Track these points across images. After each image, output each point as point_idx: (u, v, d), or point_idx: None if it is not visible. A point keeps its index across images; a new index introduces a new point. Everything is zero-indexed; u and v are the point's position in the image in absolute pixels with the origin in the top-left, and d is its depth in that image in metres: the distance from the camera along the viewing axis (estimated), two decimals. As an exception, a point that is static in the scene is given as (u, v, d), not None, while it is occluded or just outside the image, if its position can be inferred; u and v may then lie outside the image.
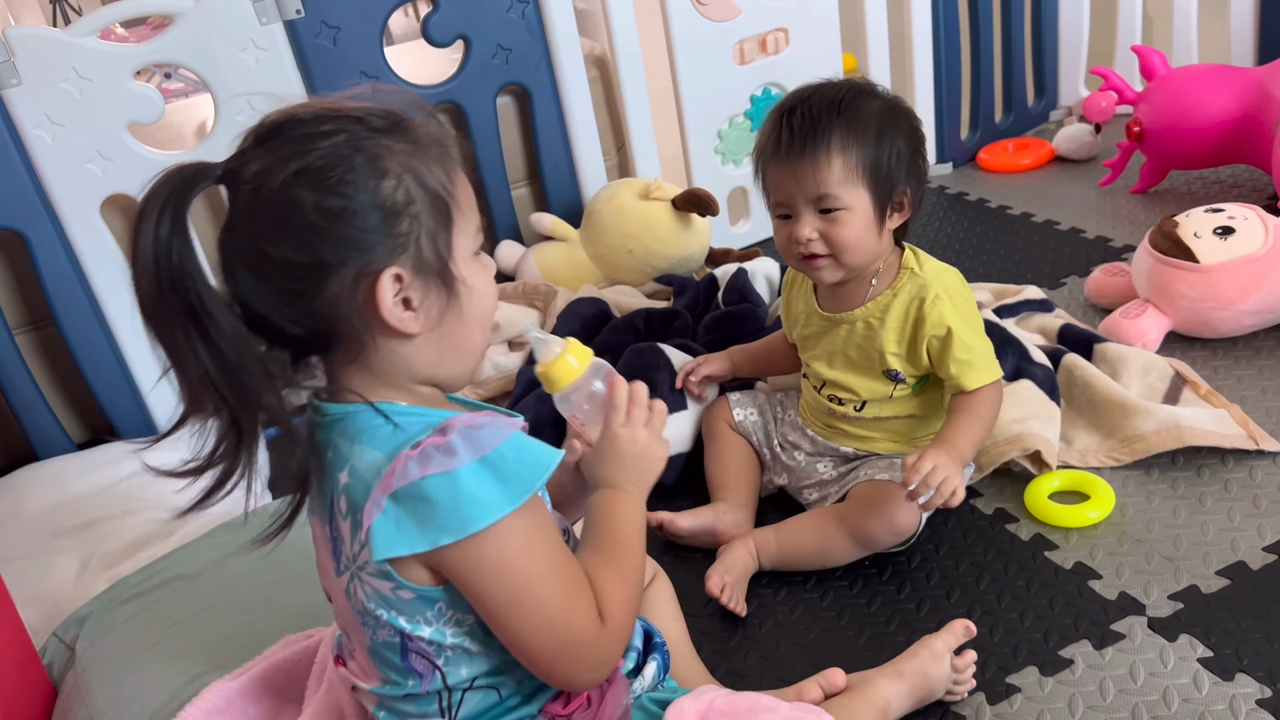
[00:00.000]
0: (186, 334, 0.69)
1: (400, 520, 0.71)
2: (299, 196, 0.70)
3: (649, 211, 1.87)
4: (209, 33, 1.60)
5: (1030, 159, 2.25)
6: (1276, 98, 1.76)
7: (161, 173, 0.71)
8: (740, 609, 1.17)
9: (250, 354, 0.71)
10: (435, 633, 0.77)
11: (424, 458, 0.71)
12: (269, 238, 0.71)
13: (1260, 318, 1.46)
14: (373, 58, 1.74)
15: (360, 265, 0.72)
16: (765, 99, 2.04)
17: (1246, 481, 1.23)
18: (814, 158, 1.13)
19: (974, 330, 1.18)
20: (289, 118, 0.72)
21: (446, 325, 0.76)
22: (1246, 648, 1.01)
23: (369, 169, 0.72)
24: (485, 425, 0.73)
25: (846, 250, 1.16)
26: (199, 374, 0.69)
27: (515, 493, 0.72)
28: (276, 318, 0.72)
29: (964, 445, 1.14)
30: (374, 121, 0.73)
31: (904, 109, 1.18)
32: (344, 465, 0.75)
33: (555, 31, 1.84)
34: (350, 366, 0.76)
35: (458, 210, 0.76)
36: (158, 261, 0.68)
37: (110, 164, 1.60)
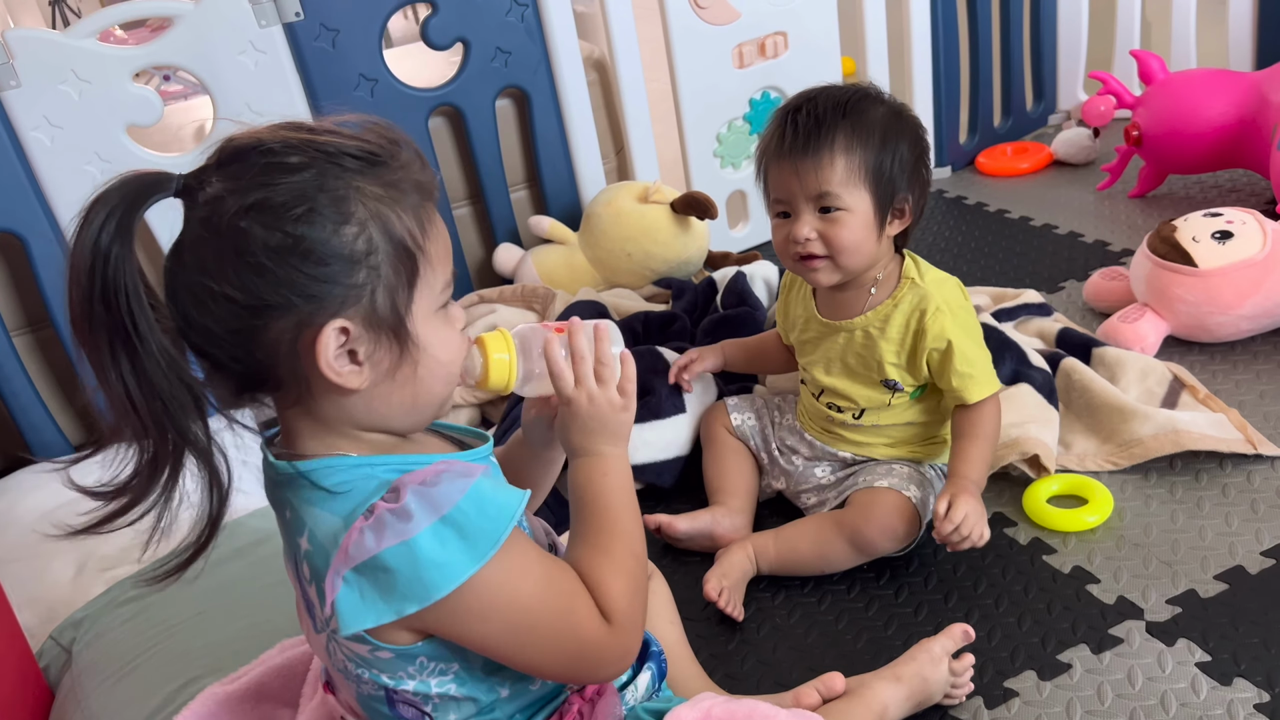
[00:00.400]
0: (113, 353, 0.65)
1: (364, 591, 0.68)
2: (250, 231, 0.65)
3: (648, 215, 1.87)
4: (208, 35, 1.60)
5: (1029, 163, 2.25)
6: (1274, 102, 1.76)
7: (117, 177, 0.67)
8: (738, 614, 1.17)
9: (179, 382, 0.66)
10: (420, 684, 0.75)
11: (379, 526, 0.68)
12: (212, 270, 0.66)
13: (1258, 322, 1.46)
14: (372, 60, 1.74)
15: (304, 314, 0.67)
16: (764, 102, 2.04)
17: (1244, 486, 1.23)
18: (817, 156, 1.13)
19: (974, 342, 1.18)
20: (256, 144, 0.67)
21: (398, 381, 0.72)
22: (1244, 652, 1.01)
23: (332, 211, 0.67)
24: (440, 480, 0.69)
25: (844, 252, 1.15)
26: (121, 396, 0.65)
27: (480, 550, 0.69)
28: (216, 352, 0.68)
29: (981, 475, 1.16)
30: (347, 161, 0.68)
31: (909, 116, 1.18)
32: (302, 530, 0.72)
33: (554, 34, 1.84)
34: (295, 409, 0.73)
35: (425, 264, 0.71)
36: (93, 270, 0.63)
37: (109, 166, 1.60)
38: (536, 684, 0.81)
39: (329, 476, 0.71)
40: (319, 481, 0.71)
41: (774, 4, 1.96)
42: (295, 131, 0.69)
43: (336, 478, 0.71)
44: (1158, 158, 1.95)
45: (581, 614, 0.75)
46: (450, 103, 1.84)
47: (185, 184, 0.68)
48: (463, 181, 1.96)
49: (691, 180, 2.04)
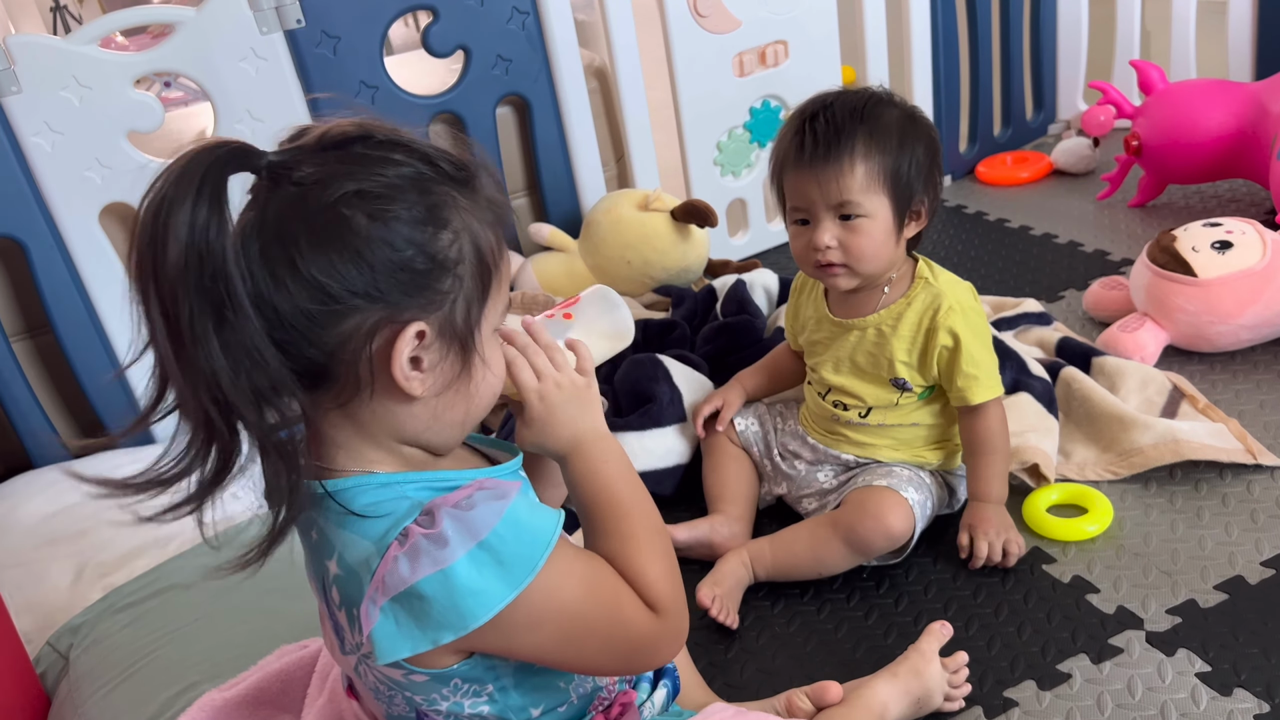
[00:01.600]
0: (204, 320, 0.61)
1: (399, 620, 0.67)
2: (352, 218, 0.64)
3: (648, 222, 1.87)
4: (209, 42, 1.61)
5: (1029, 172, 2.26)
6: (1274, 112, 1.77)
7: (193, 148, 0.63)
8: (732, 621, 1.17)
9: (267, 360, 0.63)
10: (453, 705, 0.74)
11: (414, 554, 0.66)
12: (304, 249, 0.64)
13: (1258, 332, 1.46)
14: (373, 68, 1.74)
15: (389, 310, 0.67)
16: (764, 111, 2.04)
17: (1244, 496, 1.23)
18: (838, 163, 1.13)
19: (983, 345, 1.20)
20: (363, 133, 0.67)
21: (453, 393, 0.71)
22: (1244, 663, 1.01)
23: (430, 215, 0.67)
24: (475, 503, 0.68)
25: (864, 259, 1.16)
26: (206, 371, 0.62)
27: (516, 577, 0.68)
28: (279, 337, 0.65)
29: (999, 490, 1.20)
30: (445, 167, 0.68)
31: (923, 119, 1.19)
32: (331, 553, 0.70)
33: (555, 42, 1.84)
34: (336, 414, 0.70)
35: (497, 283, 0.72)
36: (191, 238, 0.60)
37: (109, 172, 1.60)
38: (564, 706, 0.80)
39: (358, 498, 0.70)
40: (348, 503, 0.69)
41: (774, 13, 1.97)
42: (393, 131, 0.68)
43: (366, 499, 0.70)
44: (1157, 167, 1.96)
45: (628, 609, 0.74)
46: (451, 110, 1.84)
47: (275, 160, 0.66)
48: (463, 188, 1.96)
49: (692, 188, 2.04)
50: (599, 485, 0.78)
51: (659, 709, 0.87)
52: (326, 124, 0.68)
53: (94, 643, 1.19)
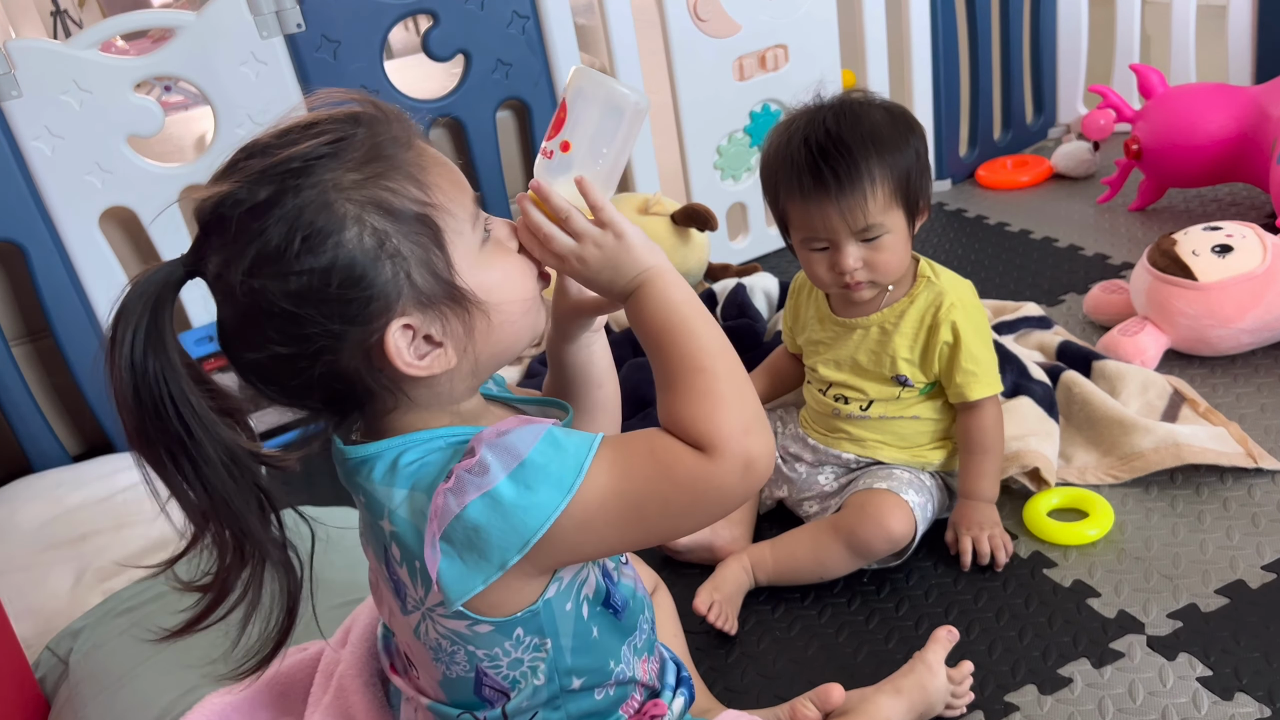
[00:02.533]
0: (176, 463, 0.65)
1: (464, 556, 0.67)
2: (265, 289, 0.64)
3: (648, 226, 1.87)
4: (210, 46, 1.61)
5: (1029, 176, 2.26)
6: (1274, 116, 1.77)
7: (128, 286, 0.66)
8: (731, 627, 1.17)
9: (244, 483, 0.67)
10: (512, 663, 0.74)
11: (459, 487, 0.66)
12: (252, 336, 0.66)
13: (1259, 336, 1.46)
14: (373, 72, 1.74)
15: (360, 331, 0.66)
16: (764, 115, 2.04)
17: (1245, 500, 1.23)
18: (860, 194, 1.12)
19: (983, 342, 1.21)
20: (223, 198, 0.65)
21: (478, 338, 0.70)
22: (1246, 667, 1.01)
23: (326, 225, 0.64)
24: (512, 431, 0.68)
25: (890, 272, 1.18)
26: (192, 504, 0.66)
27: (566, 481, 0.66)
28: (307, 401, 0.70)
29: (989, 489, 1.21)
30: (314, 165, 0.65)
31: (901, 110, 1.20)
32: (383, 512, 0.70)
33: (555, 47, 1.85)
34: (391, 414, 0.72)
35: (443, 214, 0.68)
36: (137, 389, 0.63)
37: (110, 176, 1.60)
38: (600, 691, 0.80)
39: (402, 455, 0.70)
40: (393, 460, 0.70)
41: (774, 17, 1.97)
42: (255, 158, 0.66)
43: (410, 455, 0.70)
44: (1157, 171, 1.96)
45: (669, 463, 0.68)
46: (451, 114, 1.84)
47: (189, 270, 0.67)
48: (463, 193, 1.96)
49: (692, 192, 2.04)
50: (657, 327, 0.72)
51: (677, 716, 0.87)
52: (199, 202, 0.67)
53: (94, 647, 1.18)
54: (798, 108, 1.21)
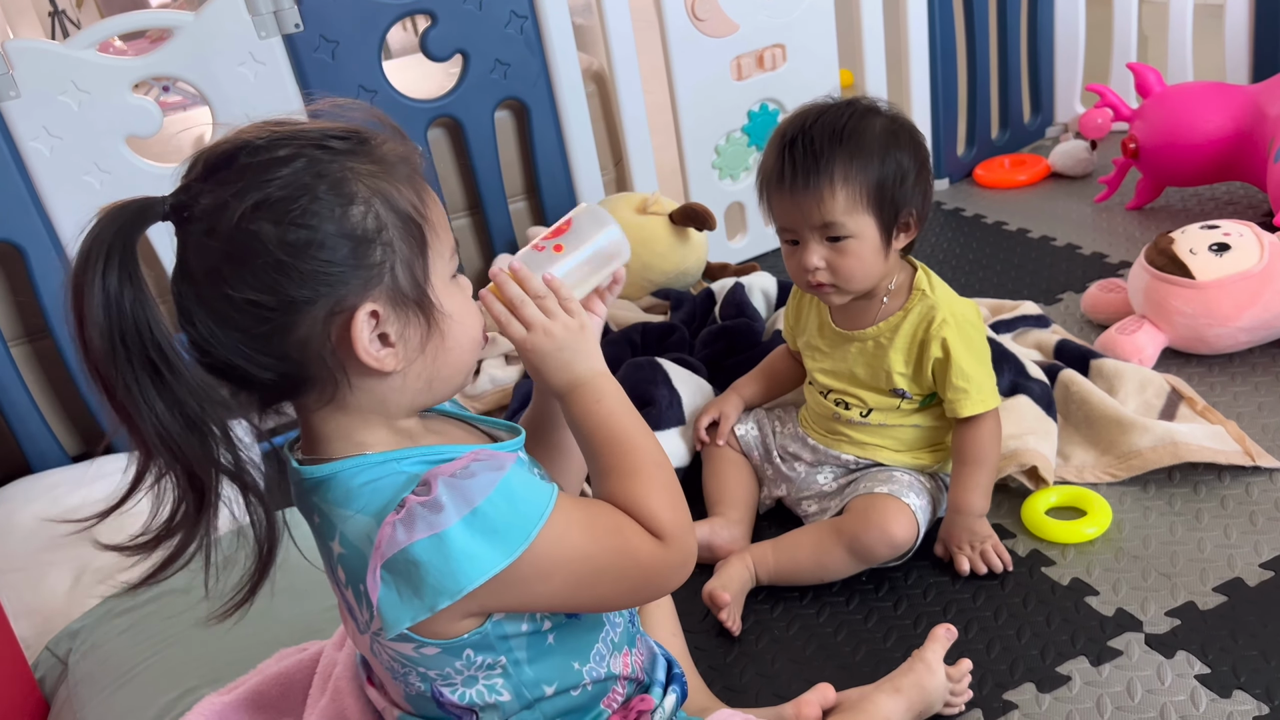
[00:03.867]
0: (143, 389, 0.63)
1: (400, 589, 0.68)
2: (260, 231, 0.65)
3: (646, 226, 1.87)
4: (207, 46, 1.61)
5: (1027, 175, 2.26)
6: (1271, 115, 1.77)
7: (100, 213, 0.65)
8: (735, 627, 1.17)
9: (215, 406, 0.66)
10: (467, 680, 0.75)
11: (409, 520, 0.67)
12: (230, 279, 0.65)
13: (1256, 334, 1.47)
14: (371, 72, 1.74)
15: (332, 302, 0.67)
16: (763, 115, 2.04)
17: (1243, 498, 1.23)
18: (818, 189, 1.12)
19: (976, 359, 1.19)
20: (241, 145, 0.66)
21: (428, 356, 0.72)
22: (1244, 665, 1.01)
23: (334, 196, 0.66)
24: (471, 472, 0.69)
25: (853, 279, 1.17)
26: (156, 432, 0.64)
27: (510, 544, 0.68)
28: (243, 363, 0.67)
29: (980, 503, 1.19)
30: (334, 143, 0.68)
31: (906, 126, 1.18)
32: (334, 533, 0.71)
33: (553, 47, 1.85)
34: (325, 409, 0.72)
35: (431, 232, 0.71)
36: (109, 315, 0.62)
37: (108, 176, 1.60)
38: (578, 690, 0.80)
39: (356, 477, 0.71)
40: (347, 483, 0.71)
41: (772, 16, 1.97)
42: (273, 126, 0.68)
43: (364, 477, 0.71)
44: (1155, 170, 1.96)
45: (633, 541, 0.74)
46: (449, 114, 1.84)
47: (174, 203, 0.67)
48: (462, 192, 1.96)
49: (690, 192, 2.04)
50: (596, 422, 0.78)
51: (669, 714, 0.87)
52: (209, 147, 0.68)
53: (92, 648, 1.18)
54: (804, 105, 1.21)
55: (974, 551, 1.19)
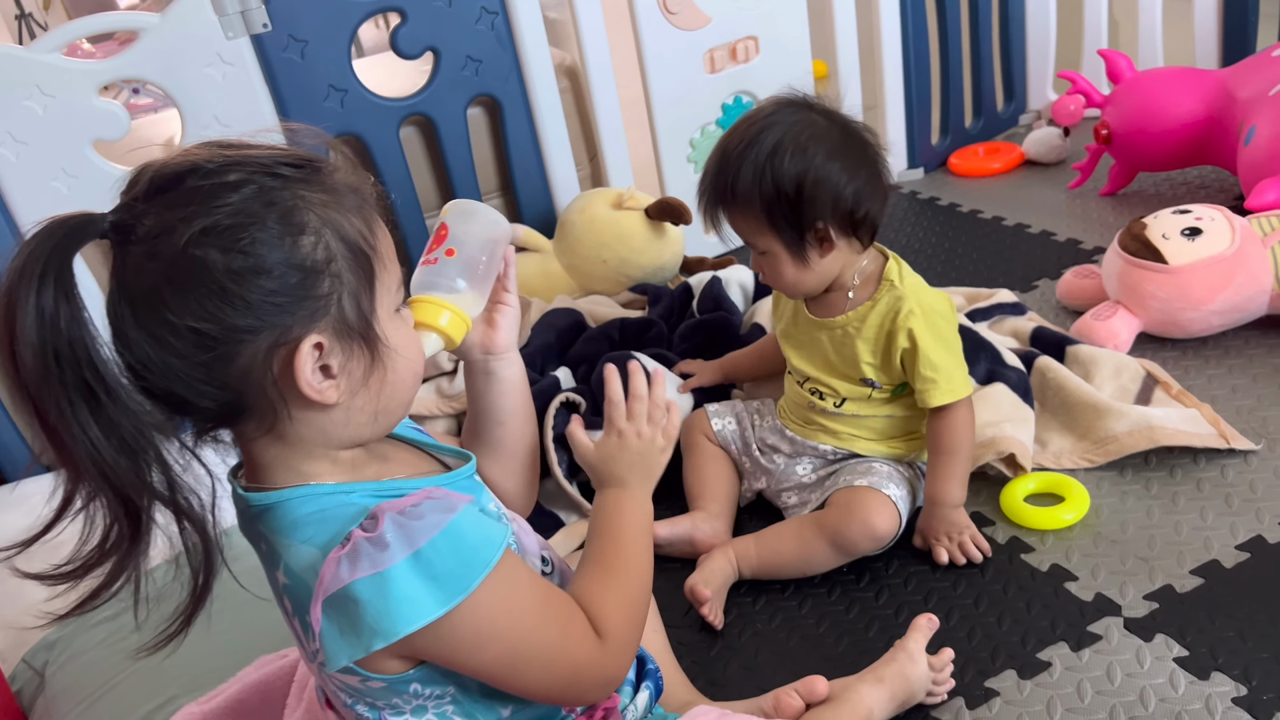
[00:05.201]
0: (77, 411, 0.61)
1: (341, 626, 0.67)
2: (207, 258, 0.63)
3: (622, 221, 1.86)
4: (174, 48, 1.59)
5: (1001, 163, 2.27)
6: (1240, 99, 1.78)
7: (37, 228, 0.62)
8: (718, 621, 1.17)
9: (152, 432, 0.63)
10: (415, 709, 0.74)
11: (354, 556, 0.66)
12: (172, 304, 0.63)
13: (1228, 317, 1.48)
14: (341, 71, 1.73)
15: (277, 333, 0.66)
16: (737, 107, 2.04)
17: (1219, 480, 1.24)
18: (730, 211, 1.20)
19: (945, 349, 1.19)
20: (190, 167, 0.64)
21: (372, 387, 0.71)
22: (1221, 646, 1.02)
23: (284, 225, 0.65)
24: (421, 512, 0.68)
25: (783, 286, 1.23)
26: (90, 456, 0.61)
27: (448, 593, 0.67)
28: (181, 390, 0.65)
29: (955, 493, 1.20)
30: (285, 170, 0.66)
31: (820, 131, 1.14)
32: (278, 563, 0.70)
33: (525, 42, 1.84)
34: (264, 438, 0.70)
35: (380, 264, 0.70)
36: (43, 334, 0.60)
37: (75, 181, 1.58)
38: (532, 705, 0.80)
39: (303, 506, 0.70)
40: (293, 512, 0.70)
41: (744, 8, 1.97)
42: (223, 149, 0.67)
43: (311, 507, 0.70)
44: (1127, 156, 1.97)
45: (576, 636, 0.75)
46: (421, 112, 1.83)
47: (115, 221, 0.64)
48: (435, 191, 1.95)
49: (666, 185, 2.04)
50: (614, 522, 0.83)
51: (641, 712, 0.87)
52: (154, 164, 0.66)
53: (70, 659, 1.17)
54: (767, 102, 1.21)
55: (952, 542, 1.19)
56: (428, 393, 1.59)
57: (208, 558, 0.68)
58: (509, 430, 0.92)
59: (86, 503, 0.64)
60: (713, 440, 1.38)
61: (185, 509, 0.67)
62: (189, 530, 0.67)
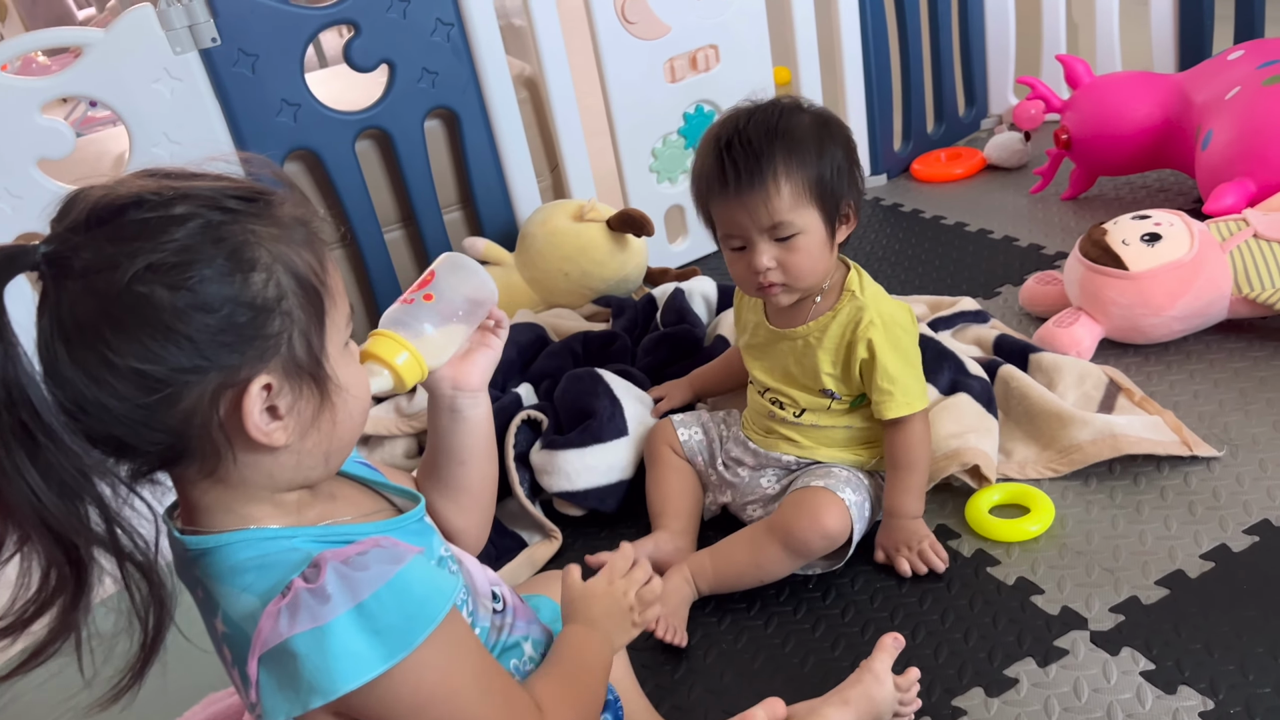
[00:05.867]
0: (13, 455, 0.57)
1: (279, 680, 0.64)
2: (152, 296, 0.59)
3: (584, 233, 1.84)
4: (120, 64, 1.55)
5: (963, 168, 2.27)
6: (1197, 103, 1.79)
7: None
8: (680, 640, 1.15)
9: (93, 475, 0.60)
10: None
11: (294, 608, 0.63)
12: (113, 343, 0.59)
13: (1189, 323, 1.48)
14: (294, 85, 1.70)
15: (224, 374, 0.63)
16: (698, 116, 2.03)
17: (1182, 488, 1.24)
18: (763, 188, 1.11)
19: (903, 361, 1.18)
20: (134, 198, 0.61)
21: (320, 427, 0.68)
22: (1188, 659, 1.01)
23: (234, 261, 0.62)
24: (366, 563, 0.65)
25: (803, 275, 1.16)
26: (29, 502, 0.58)
27: (390, 649, 0.64)
28: (119, 432, 0.61)
29: (913, 505, 1.19)
30: (232, 203, 0.63)
31: (834, 120, 1.18)
32: (217, 610, 0.67)
33: (482, 54, 1.81)
34: (205, 481, 0.67)
35: (330, 300, 0.68)
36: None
37: (20, 201, 1.54)
38: None
39: (243, 551, 0.67)
40: (233, 557, 0.67)
41: (703, 17, 1.96)
42: (166, 180, 0.63)
43: (251, 551, 0.67)
44: (1087, 160, 1.97)
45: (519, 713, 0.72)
46: (377, 125, 1.80)
47: (48, 253, 0.60)
48: (394, 204, 1.92)
49: (628, 196, 2.02)
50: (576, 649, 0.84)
51: None
52: (92, 193, 0.62)
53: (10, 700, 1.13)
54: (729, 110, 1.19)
55: (912, 552, 1.18)
56: (386, 412, 1.56)
57: (158, 605, 0.65)
58: (470, 470, 0.90)
59: (17, 548, 0.60)
60: (678, 452, 1.36)
61: (127, 552, 0.63)
62: (134, 577, 0.64)
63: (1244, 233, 1.47)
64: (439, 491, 0.87)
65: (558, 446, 1.39)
